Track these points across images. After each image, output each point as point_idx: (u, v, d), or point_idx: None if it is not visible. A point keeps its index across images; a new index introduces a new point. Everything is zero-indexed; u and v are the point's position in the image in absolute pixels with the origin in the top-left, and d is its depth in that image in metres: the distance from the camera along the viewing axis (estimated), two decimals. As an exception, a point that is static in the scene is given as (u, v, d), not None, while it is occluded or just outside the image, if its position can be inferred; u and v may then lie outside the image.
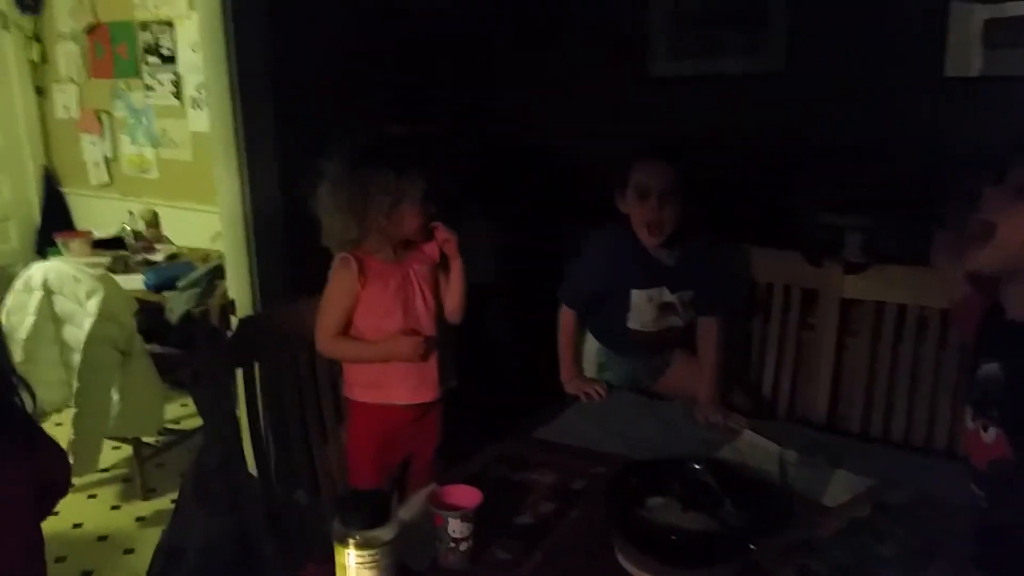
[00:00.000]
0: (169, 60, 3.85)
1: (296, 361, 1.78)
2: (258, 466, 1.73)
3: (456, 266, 1.83)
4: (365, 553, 1.07)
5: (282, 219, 2.48)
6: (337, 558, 1.09)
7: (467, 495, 1.25)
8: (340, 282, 1.74)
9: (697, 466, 1.36)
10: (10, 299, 2.81)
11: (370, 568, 1.07)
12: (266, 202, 2.48)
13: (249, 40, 2.40)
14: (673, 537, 1.20)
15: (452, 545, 1.20)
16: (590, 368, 2.06)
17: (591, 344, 2.08)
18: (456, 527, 1.20)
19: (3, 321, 2.73)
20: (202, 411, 2.18)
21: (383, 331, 1.76)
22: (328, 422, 1.82)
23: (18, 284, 2.83)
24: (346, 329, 1.77)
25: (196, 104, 3.76)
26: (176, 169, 4.00)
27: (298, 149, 2.36)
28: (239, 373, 1.71)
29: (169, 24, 3.81)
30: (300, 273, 1.77)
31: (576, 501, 1.43)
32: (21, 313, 2.79)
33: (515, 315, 2.80)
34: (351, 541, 1.07)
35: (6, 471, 1.10)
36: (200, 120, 3.71)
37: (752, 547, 1.18)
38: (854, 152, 2.45)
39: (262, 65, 2.43)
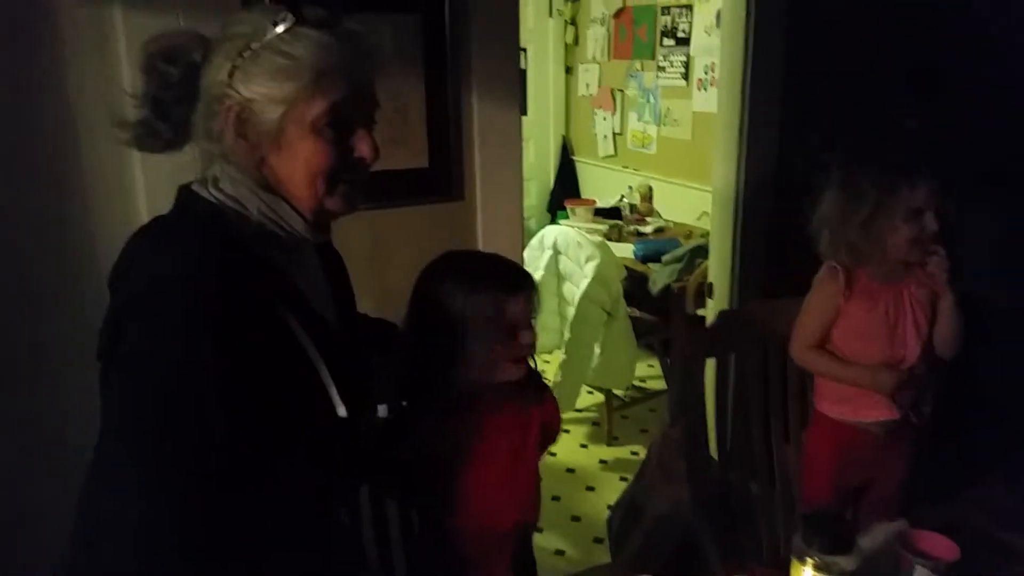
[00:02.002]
0: (683, 42, 4.05)
1: (768, 360, 1.77)
2: (719, 450, 1.78)
3: (946, 301, 1.60)
4: (823, 577, 1.04)
5: (773, 209, 2.45)
6: (793, 572, 1.08)
7: (941, 545, 1.15)
8: (821, 292, 1.66)
9: None
10: (527, 253, 3.31)
11: (826, 593, 1.04)
12: (759, 189, 2.48)
13: (767, 21, 2.40)
14: None
15: (919, 596, 1.11)
16: None
17: None
18: (927, 580, 1.10)
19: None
20: (669, 381, 2.32)
21: (863, 353, 1.64)
22: (792, 424, 1.79)
23: (534, 242, 3.34)
24: (825, 340, 1.69)
25: (702, 85, 3.92)
26: (674, 147, 4.24)
27: (801, 139, 2.30)
28: (711, 361, 1.77)
29: (688, 7, 4.00)
30: (784, 268, 1.73)
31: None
32: (533, 266, 3.28)
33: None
34: (811, 561, 1.05)
35: (529, 414, 1.34)
36: (703, 101, 3.86)
37: None
38: None
39: (777, 49, 2.41)
